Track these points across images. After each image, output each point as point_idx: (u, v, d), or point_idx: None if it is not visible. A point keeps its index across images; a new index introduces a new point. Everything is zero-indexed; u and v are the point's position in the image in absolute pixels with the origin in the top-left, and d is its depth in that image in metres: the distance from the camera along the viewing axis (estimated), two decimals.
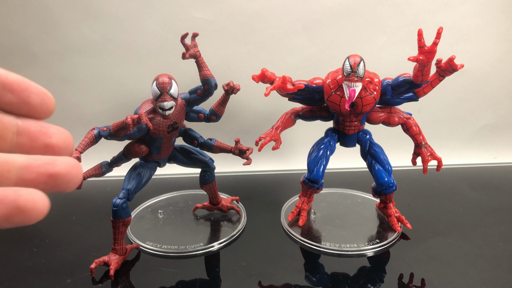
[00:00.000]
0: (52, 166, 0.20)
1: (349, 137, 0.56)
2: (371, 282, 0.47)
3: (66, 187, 0.21)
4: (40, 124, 0.21)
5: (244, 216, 0.61)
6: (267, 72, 0.49)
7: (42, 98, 0.21)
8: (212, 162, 0.57)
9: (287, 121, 0.56)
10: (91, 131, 0.49)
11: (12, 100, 0.21)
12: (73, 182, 0.21)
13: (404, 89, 0.50)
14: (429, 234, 0.56)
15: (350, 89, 0.48)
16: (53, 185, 0.20)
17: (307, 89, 0.51)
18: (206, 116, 0.54)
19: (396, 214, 0.57)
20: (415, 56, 0.45)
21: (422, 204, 0.65)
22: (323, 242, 0.54)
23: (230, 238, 0.55)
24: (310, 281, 0.48)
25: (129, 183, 0.51)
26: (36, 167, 0.20)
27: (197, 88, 0.51)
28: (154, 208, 0.65)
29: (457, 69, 0.47)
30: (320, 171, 0.55)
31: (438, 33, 0.44)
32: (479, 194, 0.69)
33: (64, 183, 0.20)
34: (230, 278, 0.48)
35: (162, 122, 0.49)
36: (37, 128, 0.21)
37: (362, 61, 0.47)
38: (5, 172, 0.20)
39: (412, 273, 0.48)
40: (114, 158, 0.53)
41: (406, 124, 0.54)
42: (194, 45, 0.49)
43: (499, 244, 0.53)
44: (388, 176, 0.54)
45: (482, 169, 0.82)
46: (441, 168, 0.54)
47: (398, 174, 0.60)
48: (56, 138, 0.21)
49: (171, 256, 0.52)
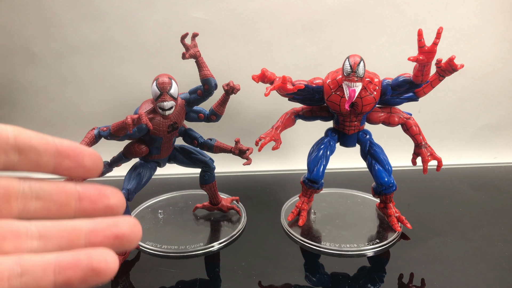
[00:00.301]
0: (116, 228, 0.22)
1: (349, 137, 0.56)
2: (371, 282, 0.47)
3: (130, 245, 0.22)
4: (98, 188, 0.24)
5: (244, 216, 0.61)
6: (267, 72, 0.49)
7: (93, 159, 0.24)
8: (212, 162, 0.57)
9: (287, 121, 0.56)
10: (91, 131, 0.49)
11: (70, 165, 0.23)
12: (135, 241, 0.22)
13: (404, 89, 0.50)
14: (429, 234, 0.56)
15: (350, 89, 0.48)
16: (118, 245, 0.22)
17: (307, 89, 0.51)
18: (206, 116, 0.54)
19: (396, 214, 0.57)
20: (415, 56, 0.45)
21: (422, 204, 0.65)
22: (323, 242, 0.54)
23: (230, 238, 0.55)
24: (310, 281, 0.48)
25: (129, 183, 0.51)
26: (102, 230, 0.22)
27: (197, 88, 0.51)
28: (154, 208, 0.65)
29: (457, 69, 0.47)
30: (320, 171, 0.55)
31: (438, 33, 0.44)
32: (479, 194, 0.69)
33: (128, 242, 0.22)
34: (230, 278, 0.48)
35: (162, 122, 0.49)
36: (96, 192, 0.23)
37: (362, 61, 0.47)
38: (75, 239, 0.21)
39: (412, 273, 0.48)
40: (114, 158, 0.53)
41: (406, 124, 0.54)
42: (194, 45, 0.49)
43: (499, 244, 0.53)
44: (388, 176, 0.54)
45: (482, 169, 0.82)
46: (441, 168, 0.54)
47: (398, 174, 0.60)
48: (113, 199, 0.24)
49: (171, 256, 0.52)
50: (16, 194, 0.22)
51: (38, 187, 0.22)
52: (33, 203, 0.22)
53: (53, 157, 0.23)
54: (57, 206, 0.22)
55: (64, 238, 0.21)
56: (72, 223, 0.22)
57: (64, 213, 0.23)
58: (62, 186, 0.23)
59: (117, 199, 0.24)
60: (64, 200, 0.23)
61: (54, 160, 0.23)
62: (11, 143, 0.22)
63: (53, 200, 0.22)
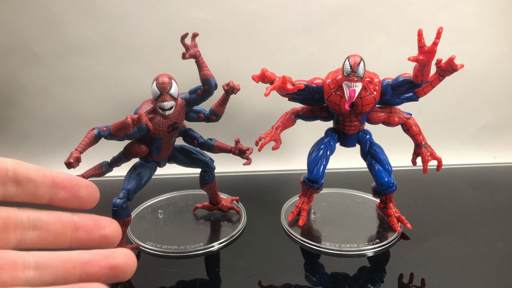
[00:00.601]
0: (112, 258, 0.22)
1: (349, 137, 0.56)
2: (371, 282, 0.47)
3: (125, 276, 0.23)
4: (93, 218, 0.24)
5: (244, 216, 0.61)
6: (267, 72, 0.49)
7: (89, 190, 0.24)
8: (212, 162, 0.57)
9: (287, 121, 0.56)
10: (91, 131, 0.49)
11: (65, 196, 0.24)
12: (130, 271, 0.23)
13: (404, 89, 0.50)
14: (429, 234, 0.56)
15: (350, 89, 0.48)
16: (113, 276, 0.22)
17: (307, 89, 0.51)
18: (206, 116, 0.54)
19: (396, 214, 0.57)
20: (415, 56, 0.45)
21: (422, 204, 0.65)
22: (323, 242, 0.54)
23: (230, 238, 0.55)
24: (310, 281, 0.48)
25: (129, 183, 0.51)
26: (97, 261, 0.22)
27: (197, 88, 0.51)
28: (154, 208, 0.65)
29: (457, 69, 0.47)
30: (320, 171, 0.55)
31: (438, 33, 0.44)
32: (479, 194, 0.69)
33: (123, 273, 0.23)
34: (230, 278, 0.48)
35: (162, 122, 0.49)
36: (92, 222, 0.24)
37: (362, 61, 0.47)
38: (70, 269, 0.22)
39: (412, 273, 0.48)
40: (114, 158, 0.53)
41: (406, 124, 0.54)
42: (194, 45, 0.49)
43: (499, 244, 0.53)
44: (388, 176, 0.54)
45: (482, 169, 0.82)
46: (441, 168, 0.54)
47: (398, 174, 0.60)
48: (109, 229, 0.24)
49: (171, 256, 0.52)
50: (15, 225, 0.22)
51: (36, 217, 0.23)
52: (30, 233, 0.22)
53: (50, 188, 0.23)
54: (53, 236, 0.23)
55: (60, 268, 0.21)
56: (68, 253, 0.22)
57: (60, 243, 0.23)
58: (59, 216, 0.23)
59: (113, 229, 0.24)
60: (60, 230, 0.23)
61: (51, 191, 0.23)
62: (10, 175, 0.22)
63: (49, 230, 0.23)
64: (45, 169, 0.24)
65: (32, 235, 0.22)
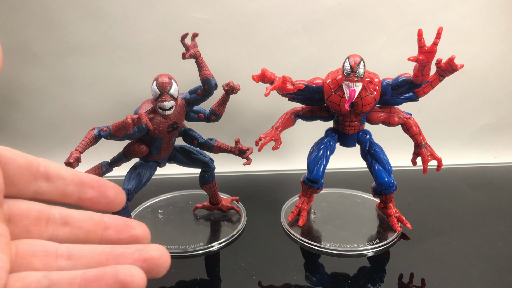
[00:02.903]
0: (146, 251, 0.23)
1: (349, 137, 0.56)
2: (371, 282, 0.47)
3: (158, 271, 0.23)
4: (123, 219, 0.25)
5: (244, 216, 0.61)
6: (267, 72, 0.49)
7: (116, 191, 0.25)
8: (212, 162, 0.57)
9: (287, 121, 0.56)
10: (91, 131, 0.49)
11: (94, 195, 0.24)
12: (164, 267, 0.23)
13: (404, 89, 0.50)
14: (429, 234, 0.56)
15: (350, 89, 0.48)
16: (147, 269, 0.22)
17: (307, 89, 0.51)
18: (206, 116, 0.54)
19: (396, 214, 0.57)
20: (415, 56, 0.45)
21: (422, 204, 0.65)
22: (323, 242, 0.54)
23: (230, 238, 0.55)
24: (310, 281, 0.48)
25: (129, 183, 0.51)
26: (131, 254, 0.22)
27: (197, 88, 0.51)
28: (154, 208, 0.65)
29: (457, 69, 0.47)
30: (320, 171, 0.55)
31: (438, 33, 0.44)
32: (479, 194, 0.69)
33: (157, 267, 0.22)
34: (230, 278, 0.48)
35: (162, 122, 0.49)
36: (122, 222, 0.24)
37: (362, 61, 0.47)
38: (103, 261, 0.22)
39: (412, 273, 0.48)
40: (114, 158, 0.53)
41: (406, 124, 0.54)
42: (194, 45, 0.49)
43: (499, 244, 0.53)
44: (388, 176, 0.54)
45: (482, 169, 0.82)
46: (441, 168, 0.54)
47: (398, 174, 0.60)
48: (138, 229, 0.24)
49: (171, 256, 0.52)
50: (47, 218, 0.23)
51: (67, 214, 0.23)
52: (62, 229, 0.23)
53: (78, 186, 0.24)
54: (84, 233, 0.23)
55: (93, 260, 0.22)
56: (101, 246, 0.23)
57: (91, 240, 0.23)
58: (90, 215, 0.24)
59: (142, 230, 0.24)
60: (91, 228, 0.24)
61: (79, 189, 0.24)
62: (41, 171, 0.23)
63: (80, 227, 0.23)
64: (74, 170, 0.25)
65: (63, 231, 0.23)
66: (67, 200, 0.24)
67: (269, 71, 0.49)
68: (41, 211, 0.23)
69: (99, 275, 0.20)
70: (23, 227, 0.22)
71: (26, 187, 0.23)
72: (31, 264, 0.20)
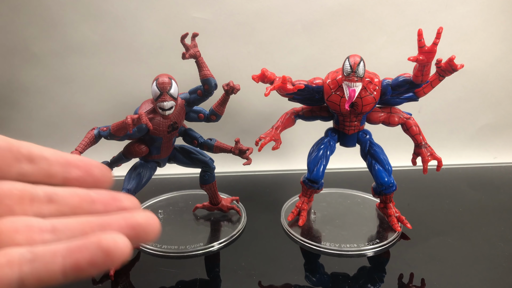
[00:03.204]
0: (133, 218, 0.22)
1: (349, 137, 0.56)
2: (371, 282, 0.47)
3: (146, 237, 0.22)
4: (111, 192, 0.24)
5: (244, 216, 0.61)
6: (267, 72, 0.49)
7: (101, 169, 0.25)
8: (212, 162, 0.57)
9: (287, 121, 0.56)
10: (91, 131, 0.49)
11: (79, 174, 0.24)
12: (152, 232, 0.22)
13: (404, 89, 0.50)
14: (429, 234, 0.56)
15: (350, 89, 0.48)
16: (134, 236, 0.21)
17: (307, 89, 0.51)
18: (206, 116, 0.54)
19: (396, 214, 0.57)
20: (415, 56, 0.45)
21: (422, 204, 0.65)
22: (323, 242, 0.54)
23: (230, 238, 0.55)
24: (310, 281, 0.48)
25: (129, 183, 0.51)
26: (117, 221, 0.22)
27: (197, 88, 0.51)
28: (154, 208, 0.65)
29: (457, 69, 0.47)
30: (320, 171, 0.55)
31: (438, 33, 0.44)
32: (479, 194, 0.69)
33: (145, 233, 0.22)
34: (230, 278, 0.48)
35: (162, 122, 0.49)
36: (109, 196, 0.24)
37: (362, 61, 0.47)
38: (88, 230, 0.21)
39: (412, 273, 0.48)
40: (114, 158, 0.53)
41: (406, 124, 0.54)
42: (194, 45, 0.49)
43: (499, 244, 0.53)
44: (388, 176, 0.54)
45: (482, 169, 0.82)
46: (441, 168, 0.54)
47: (398, 174, 0.60)
48: (126, 201, 0.24)
49: (171, 256, 0.52)
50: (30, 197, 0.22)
51: (52, 191, 0.23)
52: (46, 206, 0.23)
53: (63, 166, 0.24)
54: (70, 209, 0.23)
55: (77, 230, 0.21)
56: (86, 217, 0.22)
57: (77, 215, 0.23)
58: (75, 190, 0.24)
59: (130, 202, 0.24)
60: (77, 203, 0.23)
61: (64, 169, 0.24)
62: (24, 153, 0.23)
63: (66, 204, 0.23)
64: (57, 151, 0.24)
65: (49, 208, 0.23)
66: (52, 180, 0.24)
67: (269, 71, 0.49)
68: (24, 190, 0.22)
69: (82, 245, 0.20)
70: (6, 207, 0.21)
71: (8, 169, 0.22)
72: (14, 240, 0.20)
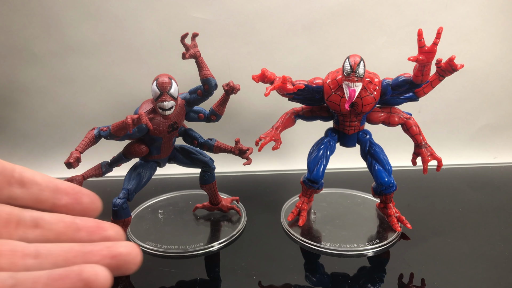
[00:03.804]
0: (114, 248, 0.22)
1: (349, 137, 0.56)
2: (371, 282, 0.47)
3: (128, 268, 0.22)
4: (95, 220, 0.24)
5: (244, 216, 0.61)
6: (267, 72, 0.49)
7: (91, 198, 0.25)
8: (212, 162, 0.57)
9: (287, 121, 0.56)
10: (91, 131, 0.49)
11: (68, 202, 0.24)
12: (134, 263, 0.22)
13: (404, 89, 0.50)
14: (429, 234, 0.56)
15: (350, 89, 0.48)
16: (116, 266, 0.22)
17: (307, 89, 0.51)
18: (206, 116, 0.54)
19: (396, 214, 0.57)
20: (415, 56, 0.45)
21: (422, 204, 0.65)
22: (323, 242, 0.54)
23: (230, 238, 0.55)
24: (310, 281, 0.48)
25: (129, 183, 0.51)
26: (100, 251, 0.22)
27: (197, 88, 0.51)
28: (154, 208, 0.65)
29: (457, 69, 0.47)
30: (320, 171, 0.55)
31: (438, 33, 0.44)
32: (479, 194, 0.69)
33: (126, 264, 0.22)
34: (230, 278, 0.48)
35: (162, 122, 0.49)
36: (94, 224, 0.24)
37: (362, 61, 0.47)
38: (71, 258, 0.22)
39: (412, 273, 0.48)
40: (114, 158, 0.53)
41: (406, 124, 0.54)
42: (194, 45, 0.49)
43: (499, 244, 0.53)
44: (388, 176, 0.54)
45: (482, 169, 0.82)
46: (441, 168, 0.54)
47: (398, 174, 0.60)
48: (111, 231, 0.24)
49: (171, 256, 0.52)
50: (17, 221, 0.23)
51: (39, 216, 0.23)
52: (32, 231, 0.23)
53: (53, 193, 0.24)
54: (55, 235, 0.23)
55: (60, 257, 0.22)
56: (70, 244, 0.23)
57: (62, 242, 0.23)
58: (61, 217, 0.24)
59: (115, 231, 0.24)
60: (62, 230, 0.23)
61: (54, 196, 0.24)
62: (16, 176, 0.23)
63: (51, 229, 0.23)
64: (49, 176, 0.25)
65: (34, 233, 0.23)
66: (41, 206, 0.24)
67: (269, 71, 0.49)
68: (11, 213, 0.23)
69: (64, 274, 0.20)
70: None
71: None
72: None
